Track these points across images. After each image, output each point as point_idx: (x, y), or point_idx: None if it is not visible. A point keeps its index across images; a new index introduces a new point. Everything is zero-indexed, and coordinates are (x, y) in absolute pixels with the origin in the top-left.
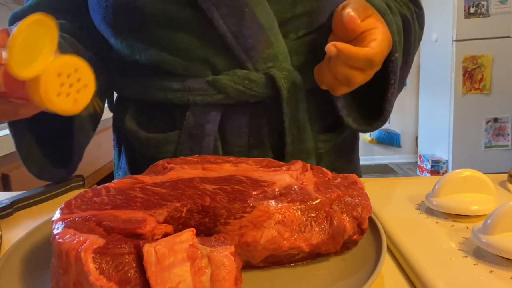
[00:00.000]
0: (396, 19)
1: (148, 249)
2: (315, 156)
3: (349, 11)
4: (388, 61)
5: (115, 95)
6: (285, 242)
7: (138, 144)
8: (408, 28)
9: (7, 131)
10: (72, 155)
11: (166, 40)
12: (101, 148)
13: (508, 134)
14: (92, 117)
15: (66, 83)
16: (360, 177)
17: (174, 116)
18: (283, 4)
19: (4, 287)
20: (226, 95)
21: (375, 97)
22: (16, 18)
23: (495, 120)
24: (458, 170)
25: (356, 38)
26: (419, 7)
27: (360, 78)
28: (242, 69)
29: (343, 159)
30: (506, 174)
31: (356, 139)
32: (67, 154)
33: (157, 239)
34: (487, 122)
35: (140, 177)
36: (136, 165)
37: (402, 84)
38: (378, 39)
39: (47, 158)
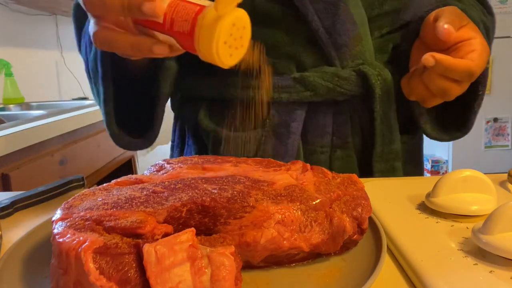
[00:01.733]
0: (481, 28)
1: (148, 249)
2: (402, 160)
3: (444, 24)
4: None
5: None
6: (285, 242)
7: (215, 143)
8: (489, 38)
9: (7, 131)
10: (154, 125)
11: (256, 37)
12: (100, 148)
13: (508, 134)
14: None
15: (234, 34)
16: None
17: (255, 114)
18: (373, 1)
19: (4, 287)
20: (314, 93)
21: (455, 106)
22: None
23: (495, 120)
24: (458, 170)
25: (449, 48)
26: (492, 15)
27: (457, 90)
28: (329, 65)
29: (413, 162)
30: (506, 174)
31: (422, 142)
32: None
33: (157, 239)
34: (487, 122)
35: (140, 177)
36: None
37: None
38: (477, 50)
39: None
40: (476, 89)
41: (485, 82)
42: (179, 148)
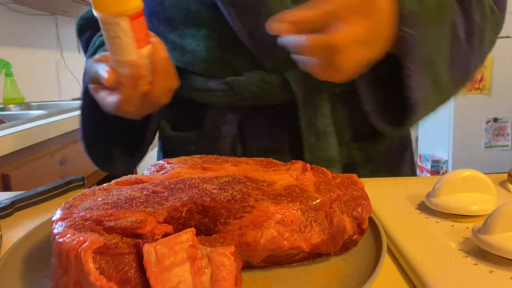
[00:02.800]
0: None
1: (148, 249)
2: (341, 165)
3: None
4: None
5: None
6: (285, 242)
7: (167, 141)
8: (469, 5)
9: (7, 131)
10: (143, 145)
11: (188, 42)
12: None
13: (508, 134)
14: None
15: None
16: None
17: (197, 116)
18: (303, 1)
19: (4, 287)
20: (242, 97)
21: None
22: (84, 22)
23: (495, 120)
24: (458, 170)
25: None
26: (501, 10)
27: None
28: (262, 70)
29: (386, 171)
30: (506, 174)
31: (405, 151)
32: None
33: (157, 239)
34: (487, 122)
35: (140, 177)
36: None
37: (469, 70)
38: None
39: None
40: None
41: (411, 50)
42: (159, 142)
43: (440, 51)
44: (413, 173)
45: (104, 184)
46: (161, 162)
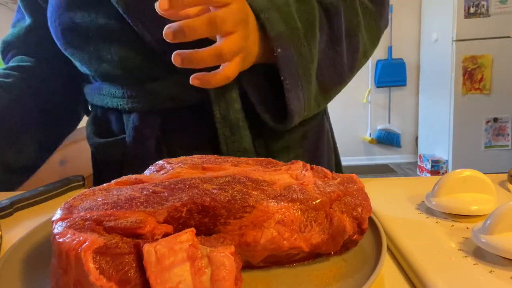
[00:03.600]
0: (302, 7)
1: (148, 249)
2: (255, 155)
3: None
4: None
5: None
6: (285, 242)
7: (94, 148)
8: (335, 16)
9: None
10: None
11: (104, 52)
12: None
13: (508, 134)
14: None
15: None
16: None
17: (121, 121)
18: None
19: (4, 287)
20: (162, 100)
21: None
22: (6, 45)
23: (495, 120)
24: (458, 170)
25: None
26: (374, 3)
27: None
28: (177, 74)
29: (305, 157)
30: (506, 174)
31: (322, 137)
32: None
33: (157, 239)
34: (487, 122)
35: (140, 177)
36: (98, 168)
37: (337, 73)
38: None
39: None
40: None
41: (285, 65)
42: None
43: (312, 62)
44: (336, 158)
45: (104, 184)
46: (161, 162)
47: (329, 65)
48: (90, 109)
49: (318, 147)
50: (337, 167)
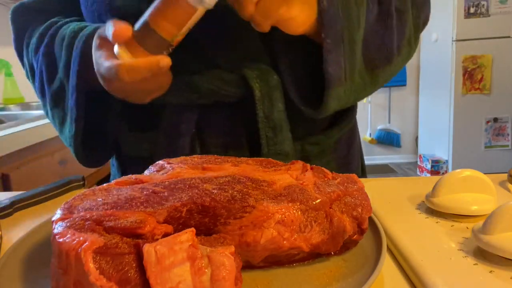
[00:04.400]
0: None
1: (148, 249)
2: (296, 159)
3: None
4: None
5: None
6: (285, 242)
7: (122, 142)
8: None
9: (6, 131)
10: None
11: None
12: None
13: (508, 134)
14: None
15: None
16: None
17: (152, 115)
18: None
19: (4, 287)
20: (200, 95)
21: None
22: (18, 11)
23: (495, 120)
24: (458, 170)
25: None
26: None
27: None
28: (218, 69)
29: (337, 163)
30: (506, 174)
31: (353, 141)
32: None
33: (157, 239)
34: (487, 122)
35: (140, 177)
36: (124, 163)
37: (383, 50)
38: None
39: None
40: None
41: (327, 23)
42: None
43: (358, 29)
44: (362, 166)
45: (104, 184)
46: (161, 162)
47: (376, 40)
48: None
49: (349, 152)
50: (362, 172)
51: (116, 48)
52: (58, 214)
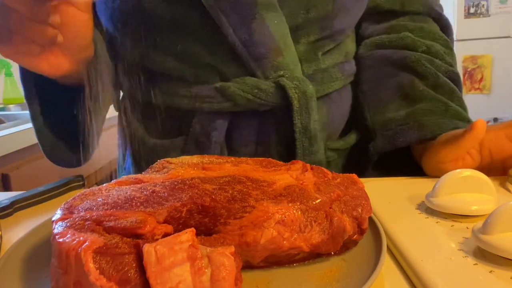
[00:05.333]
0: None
1: (148, 249)
2: (325, 167)
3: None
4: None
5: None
6: (285, 242)
7: (143, 148)
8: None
9: (6, 131)
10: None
11: (173, 45)
12: (100, 148)
13: None
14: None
15: None
16: None
17: (180, 122)
18: (296, 8)
19: (4, 287)
20: (234, 103)
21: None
22: None
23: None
24: (458, 170)
25: None
26: (449, 28)
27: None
28: (252, 76)
29: (354, 166)
30: (506, 174)
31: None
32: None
33: (157, 239)
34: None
35: (140, 177)
36: (141, 168)
37: None
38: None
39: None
40: None
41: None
42: (122, 148)
43: None
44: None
45: (104, 184)
46: (161, 162)
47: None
48: (122, 103)
49: (366, 156)
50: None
51: None
52: (58, 214)
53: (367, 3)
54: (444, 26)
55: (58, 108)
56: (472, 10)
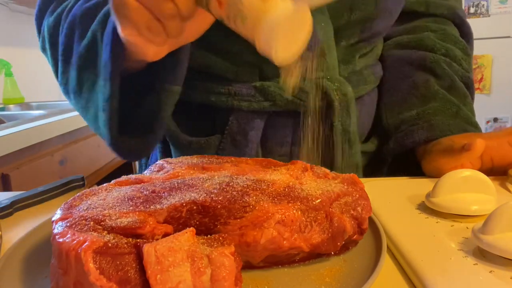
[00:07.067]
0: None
1: (148, 249)
2: (361, 171)
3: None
4: None
5: None
6: (285, 242)
7: (177, 145)
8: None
9: (6, 131)
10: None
11: (216, 43)
12: (100, 149)
13: None
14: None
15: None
16: None
17: (215, 120)
18: (340, 10)
19: (4, 287)
20: (274, 103)
21: None
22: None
23: (495, 120)
24: (458, 170)
25: None
26: (469, 35)
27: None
28: None
29: (371, 168)
30: (506, 174)
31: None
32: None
33: (157, 239)
34: (487, 122)
35: (140, 176)
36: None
37: None
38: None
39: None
40: None
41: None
42: None
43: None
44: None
45: (104, 184)
46: (161, 162)
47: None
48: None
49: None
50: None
51: None
52: (58, 214)
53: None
54: (465, 33)
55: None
56: (472, 10)
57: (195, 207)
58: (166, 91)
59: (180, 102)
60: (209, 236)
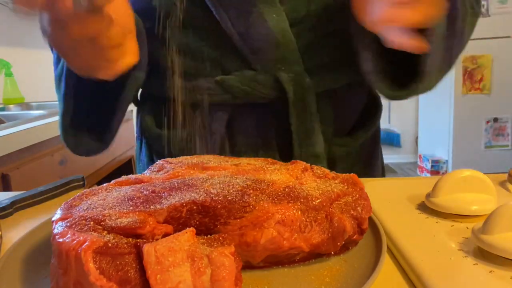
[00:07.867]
0: None
1: (148, 249)
2: (326, 160)
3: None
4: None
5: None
6: (285, 242)
7: (152, 139)
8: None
9: (7, 131)
10: (110, 128)
11: (177, 40)
12: None
13: (508, 134)
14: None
15: None
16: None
17: (184, 114)
18: (296, 2)
19: (4, 287)
20: (233, 96)
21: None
22: None
23: (495, 120)
24: (458, 170)
25: None
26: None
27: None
28: (252, 70)
29: (362, 164)
30: (506, 174)
31: (377, 144)
32: (104, 127)
33: (157, 239)
34: (487, 122)
35: (140, 177)
36: (153, 160)
37: (450, 57)
38: None
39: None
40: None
41: (432, 32)
42: (139, 141)
43: (444, 28)
44: (383, 167)
45: (104, 184)
46: (161, 162)
47: (448, 44)
48: (139, 98)
49: (373, 156)
50: (382, 173)
51: None
52: (58, 214)
53: None
54: None
55: (89, 98)
56: None
57: (195, 207)
58: (128, 77)
59: (156, 98)
60: (209, 236)
